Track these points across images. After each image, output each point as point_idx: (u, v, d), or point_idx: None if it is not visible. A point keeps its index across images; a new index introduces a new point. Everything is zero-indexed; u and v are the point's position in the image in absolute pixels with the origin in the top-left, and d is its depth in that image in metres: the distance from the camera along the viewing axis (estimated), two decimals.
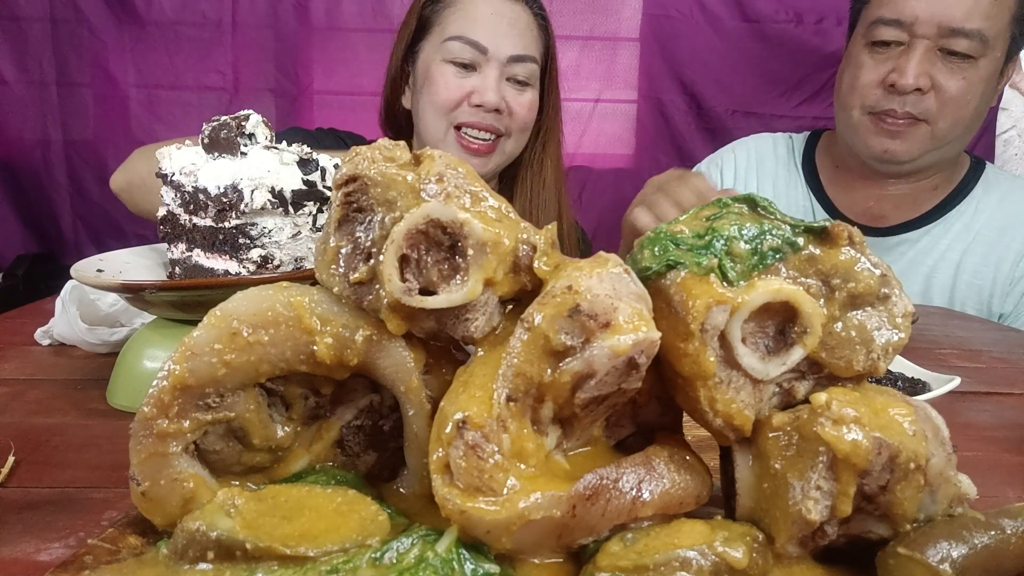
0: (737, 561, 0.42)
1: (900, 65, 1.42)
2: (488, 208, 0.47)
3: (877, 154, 1.50)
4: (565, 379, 0.43)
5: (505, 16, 1.44)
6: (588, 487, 0.43)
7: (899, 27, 1.42)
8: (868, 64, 1.47)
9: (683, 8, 2.30)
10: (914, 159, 1.48)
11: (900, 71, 1.41)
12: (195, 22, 2.28)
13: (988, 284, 1.51)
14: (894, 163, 1.50)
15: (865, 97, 1.48)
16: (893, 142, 1.47)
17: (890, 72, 1.43)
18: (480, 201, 0.47)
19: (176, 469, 0.47)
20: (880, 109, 1.46)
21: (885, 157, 1.49)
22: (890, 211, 1.58)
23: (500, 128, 1.47)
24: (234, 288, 0.50)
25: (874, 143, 1.49)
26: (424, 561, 0.43)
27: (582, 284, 0.43)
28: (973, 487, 0.47)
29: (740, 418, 0.46)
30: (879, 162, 1.52)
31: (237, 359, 0.47)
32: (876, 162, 1.52)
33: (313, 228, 0.79)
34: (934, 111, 1.43)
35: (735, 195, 0.50)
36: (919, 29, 1.40)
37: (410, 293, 0.46)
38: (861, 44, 1.49)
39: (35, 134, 2.33)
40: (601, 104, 2.41)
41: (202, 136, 0.78)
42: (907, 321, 0.47)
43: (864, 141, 1.50)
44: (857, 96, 1.49)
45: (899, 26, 1.42)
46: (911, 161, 1.49)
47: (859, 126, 1.50)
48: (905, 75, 1.40)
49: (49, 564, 0.48)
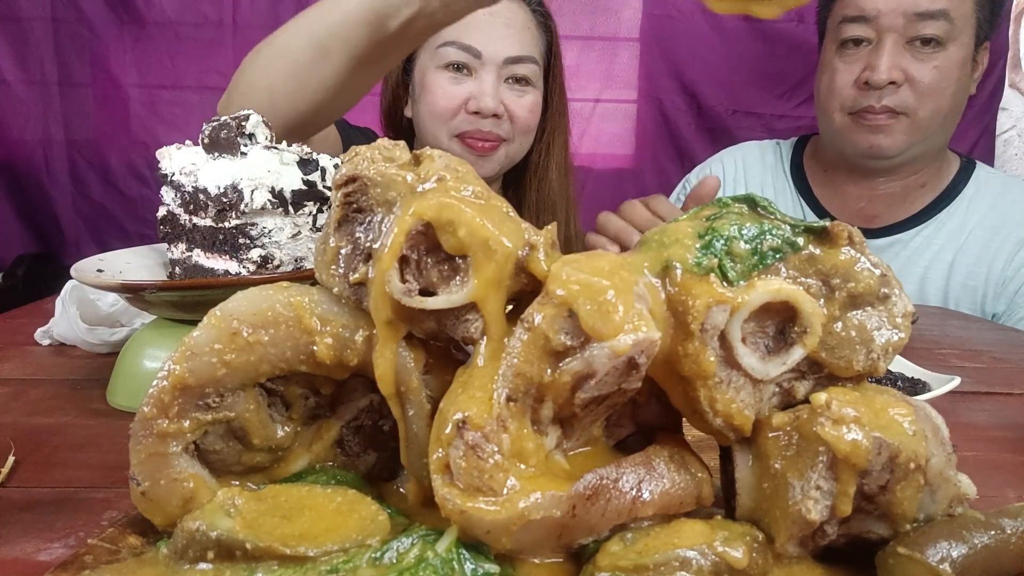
0: (737, 561, 0.42)
1: (871, 62, 1.45)
2: (488, 207, 0.47)
3: (864, 151, 1.51)
4: (565, 379, 0.43)
5: (500, 16, 1.40)
6: (588, 487, 0.43)
7: (865, 23, 1.45)
8: (840, 67, 1.50)
9: (683, 8, 2.30)
10: (901, 152, 1.50)
11: (872, 67, 1.44)
12: (196, 22, 2.28)
13: (981, 284, 1.51)
14: (882, 158, 1.52)
15: (843, 99, 1.50)
16: (877, 137, 1.49)
17: (863, 71, 1.46)
18: (480, 200, 0.47)
19: (176, 469, 0.47)
20: (859, 108, 1.48)
21: (872, 153, 1.50)
22: (882, 211, 1.58)
23: (501, 134, 1.44)
24: (234, 288, 0.50)
25: (859, 140, 1.51)
26: (424, 561, 0.43)
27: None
28: (973, 487, 0.47)
29: (740, 418, 0.46)
30: (867, 159, 1.53)
31: (237, 359, 0.47)
32: (864, 159, 1.54)
33: (313, 228, 0.79)
34: (912, 102, 1.45)
35: (735, 195, 0.50)
36: (884, 21, 1.42)
37: (410, 294, 0.46)
38: (832, 49, 1.52)
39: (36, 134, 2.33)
40: (601, 104, 2.40)
41: (202, 136, 0.78)
42: (907, 321, 0.47)
43: (849, 141, 1.52)
44: (835, 99, 1.51)
45: (865, 21, 1.45)
46: (899, 154, 1.51)
47: (841, 128, 1.53)
48: (877, 70, 1.43)
49: (49, 564, 0.48)
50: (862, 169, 1.57)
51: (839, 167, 1.62)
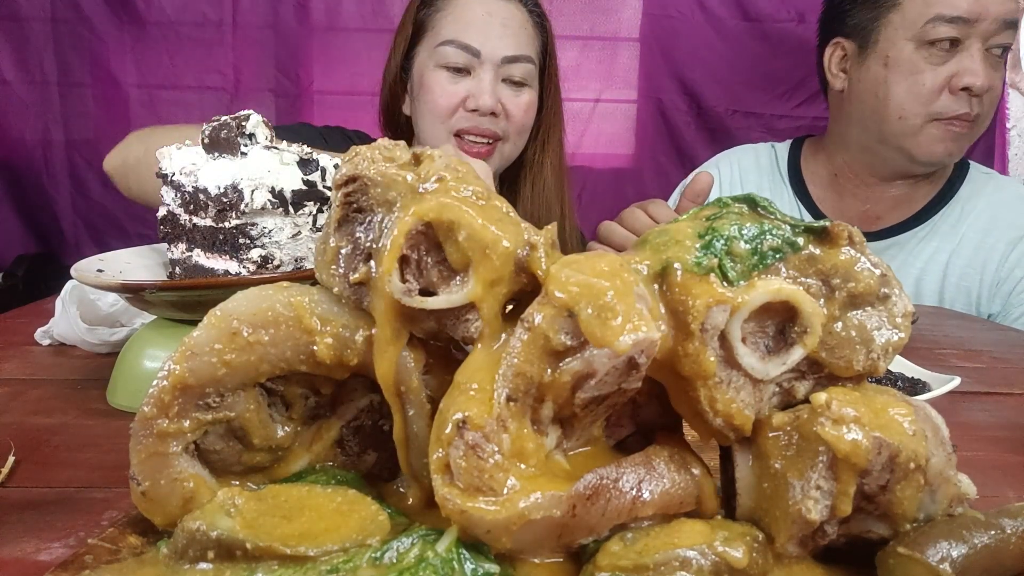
0: (737, 561, 0.42)
1: (967, 66, 1.36)
2: (488, 208, 0.47)
3: (937, 159, 1.44)
4: (565, 379, 0.43)
5: (498, 16, 1.42)
6: (588, 487, 0.43)
7: (963, 23, 1.35)
8: (926, 68, 1.39)
9: (683, 8, 2.30)
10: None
11: (972, 72, 1.35)
12: (196, 22, 2.28)
13: (975, 286, 1.51)
14: (938, 165, 1.46)
15: (931, 103, 1.39)
16: (954, 144, 1.42)
17: (953, 75, 1.37)
18: (480, 201, 0.47)
19: (176, 469, 0.47)
20: (951, 114, 1.39)
21: (945, 160, 1.44)
22: (883, 213, 1.57)
23: (498, 132, 1.45)
24: (234, 288, 0.50)
25: (937, 148, 1.42)
26: (424, 561, 0.43)
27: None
28: (973, 487, 0.47)
29: (740, 418, 0.46)
30: (929, 165, 1.46)
31: (237, 359, 0.47)
32: (924, 166, 1.47)
33: (313, 228, 0.79)
34: (985, 110, 1.40)
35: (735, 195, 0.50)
36: (981, 26, 1.34)
37: (410, 294, 0.46)
38: (909, 47, 1.40)
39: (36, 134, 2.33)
40: (601, 104, 2.40)
41: (202, 136, 0.78)
42: (907, 321, 0.47)
43: (927, 147, 1.43)
44: (920, 104, 1.40)
45: (964, 23, 1.35)
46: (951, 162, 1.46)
47: (921, 133, 1.42)
48: (979, 76, 1.35)
49: (49, 564, 0.48)
50: (889, 173, 1.50)
51: (855, 170, 1.57)
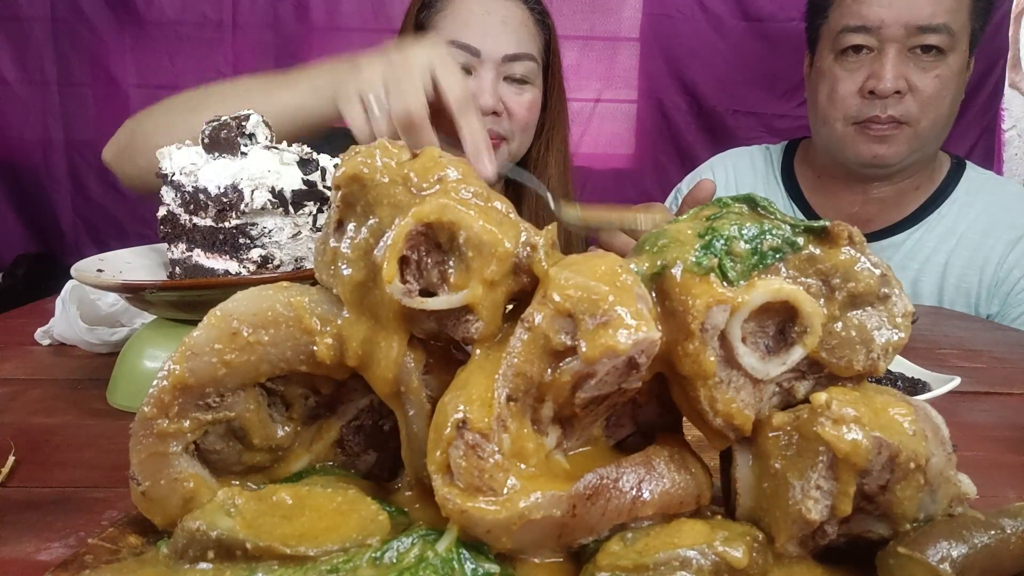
0: (737, 561, 0.42)
1: (876, 71, 1.43)
2: (488, 209, 0.47)
3: (867, 161, 1.50)
4: (565, 379, 0.43)
5: (497, 15, 1.40)
6: (588, 487, 0.43)
7: (867, 32, 1.43)
8: (842, 75, 1.48)
9: (684, 7, 2.30)
10: (901, 161, 1.50)
11: (877, 76, 1.42)
12: (196, 22, 2.28)
13: (974, 286, 1.52)
14: (883, 167, 1.51)
15: (847, 108, 1.48)
16: (881, 147, 1.47)
17: (866, 79, 1.44)
18: (480, 202, 0.47)
19: (176, 469, 0.47)
20: (864, 117, 1.46)
21: (875, 163, 1.50)
22: (875, 215, 1.58)
23: (501, 132, 1.44)
24: (234, 288, 0.50)
25: (863, 151, 1.49)
26: (424, 561, 0.43)
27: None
28: (973, 487, 0.47)
29: (740, 418, 0.46)
30: (867, 168, 1.52)
31: (237, 359, 0.47)
32: (865, 168, 1.53)
33: (313, 228, 0.79)
34: (915, 112, 1.44)
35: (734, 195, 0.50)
36: (887, 32, 1.41)
37: (410, 294, 0.46)
38: (830, 57, 1.50)
39: (36, 134, 2.33)
40: (601, 104, 2.40)
41: (202, 136, 0.78)
42: (907, 321, 0.47)
43: (852, 151, 1.51)
44: (838, 108, 1.49)
45: (867, 31, 1.43)
46: (900, 163, 1.50)
47: (844, 137, 1.51)
48: (883, 79, 1.41)
49: (49, 564, 0.48)
50: (858, 176, 1.57)
51: (833, 172, 1.61)
